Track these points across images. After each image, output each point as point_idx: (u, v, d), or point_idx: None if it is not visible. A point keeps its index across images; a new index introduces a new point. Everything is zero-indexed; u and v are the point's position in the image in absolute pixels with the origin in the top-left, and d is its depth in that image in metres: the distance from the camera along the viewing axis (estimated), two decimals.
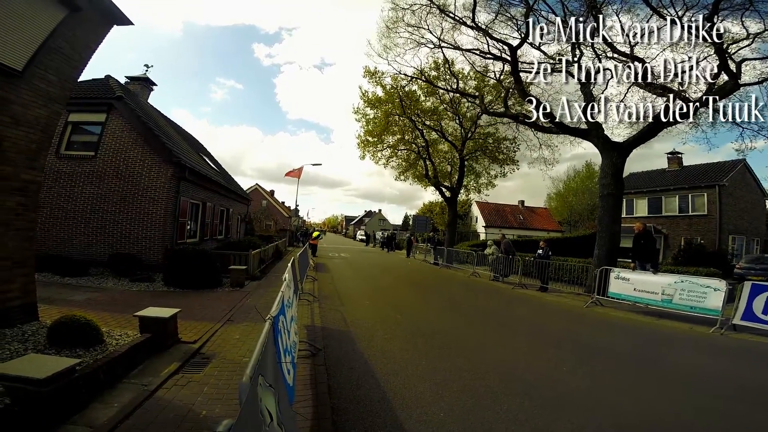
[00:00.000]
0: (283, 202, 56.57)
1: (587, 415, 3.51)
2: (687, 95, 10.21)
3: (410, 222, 61.48)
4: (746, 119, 9.11)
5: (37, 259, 5.13)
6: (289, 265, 5.97)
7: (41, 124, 4.63)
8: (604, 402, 3.84)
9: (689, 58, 9.78)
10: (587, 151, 67.99)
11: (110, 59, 67.40)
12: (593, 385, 4.29)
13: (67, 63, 4.84)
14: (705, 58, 9.99)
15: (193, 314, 6.42)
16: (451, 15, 13.85)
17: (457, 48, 15.24)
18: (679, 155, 24.88)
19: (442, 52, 16.84)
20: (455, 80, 18.54)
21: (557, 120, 12.44)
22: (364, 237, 46.30)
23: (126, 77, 14.10)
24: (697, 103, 9.59)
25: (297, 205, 33.61)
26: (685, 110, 9.58)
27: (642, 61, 10.91)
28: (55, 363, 2.81)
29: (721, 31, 9.01)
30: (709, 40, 9.01)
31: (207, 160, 17.77)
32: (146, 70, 14.72)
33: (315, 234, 22.06)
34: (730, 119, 9.12)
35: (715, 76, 9.58)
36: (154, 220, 10.49)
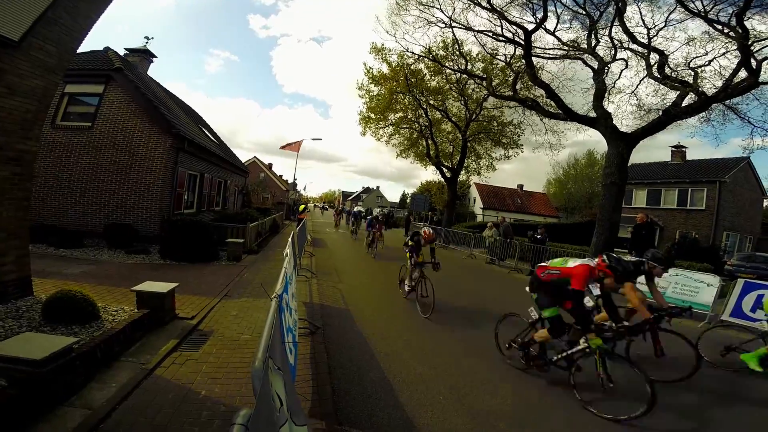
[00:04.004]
0: (281, 176, 56.13)
1: (581, 408, 3.55)
2: (702, 90, 9.98)
3: (408, 200, 61.39)
4: (759, 117, 8.93)
5: (31, 230, 5.05)
6: (290, 239, 5.90)
7: (38, 94, 4.49)
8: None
9: (707, 53, 9.52)
10: (590, 138, 67.34)
11: (98, 31, 64.93)
12: (586, 372, 4.33)
13: (67, 34, 4.64)
14: (724, 54, 9.71)
15: (190, 288, 6.39)
16: None
17: (468, 29, 14.78)
18: (684, 149, 24.71)
19: (453, 32, 16.32)
20: (464, 61, 18.04)
21: (567, 106, 12.19)
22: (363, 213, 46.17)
23: (125, 49, 13.83)
24: (711, 99, 9.36)
25: (295, 179, 33.25)
26: (697, 105, 9.37)
27: (660, 52, 10.60)
28: (51, 342, 2.77)
29: (749, 27, 8.68)
30: (734, 36, 8.69)
31: (206, 132, 17.46)
32: (146, 42, 14.38)
33: (301, 207, 21.54)
34: (743, 116, 8.97)
35: (734, 73, 9.33)
36: (151, 191, 10.37)
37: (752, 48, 8.77)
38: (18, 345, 2.67)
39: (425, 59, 19.32)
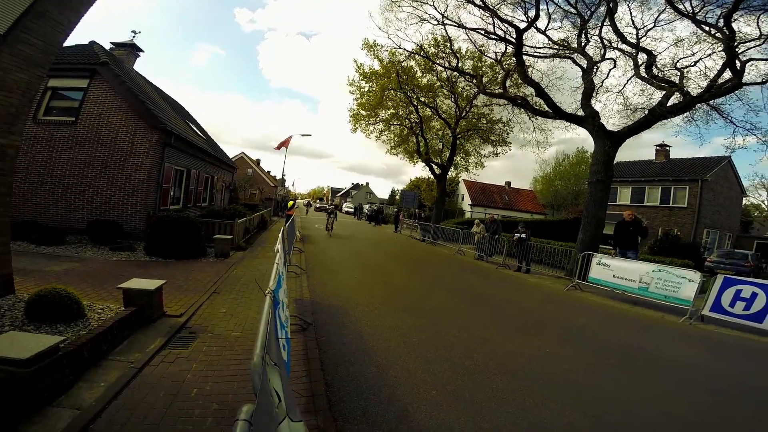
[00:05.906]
0: (269, 171, 55.56)
1: (570, 397, 3.64)
2: (687, 90, 10.22)
3: (397, 196, 61.42)
4: (741, 117, 9.17)
5: (12, 226, 4.88)
6: (280, 235, 5.85)
7: (21, 88, 4.33)
8: (585, 384, 3.99)
9: (694, 53, 9.75)
10: (577, 136, 68.45)
11: (84, 25, 62.95)
12: (573, 368, 4.42)
13: (54, 27, 4.49)
14: (710, 55, 9.97)
15: (178, 286, 6.30)
16: None
17: (460, 26, 14.84)
18: (667, 148, 25.28)
19: (445, 29, 16.37)
20: (455, 59, 18.11)
21: (555, 105, 12.35)
22: (352, 209, 45.93)
23: (111, 43, 13.41)
24: (696, 99, 9.60)
25: (284, 175, 32.93)
26: (682, 104, 9.58)
27: (648, 52, 10.81)
28: (36, 341, 2.69)
29: (736, 29, 8.90)
30: (721, 38, 8.89)
31: (193, 127, 17.18)
32: (133, 36, 13.98)
33: (290, 204, 21.19)
34: (726, 116, 9.23)
35: (719, 74, 9.57)
36: (136, 186, 10.17)
37: (738, 49, 9.00)
38: (2, 344, 2.58)
39: (416, 56, 19.36)
